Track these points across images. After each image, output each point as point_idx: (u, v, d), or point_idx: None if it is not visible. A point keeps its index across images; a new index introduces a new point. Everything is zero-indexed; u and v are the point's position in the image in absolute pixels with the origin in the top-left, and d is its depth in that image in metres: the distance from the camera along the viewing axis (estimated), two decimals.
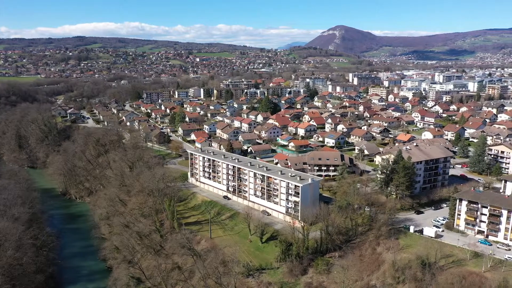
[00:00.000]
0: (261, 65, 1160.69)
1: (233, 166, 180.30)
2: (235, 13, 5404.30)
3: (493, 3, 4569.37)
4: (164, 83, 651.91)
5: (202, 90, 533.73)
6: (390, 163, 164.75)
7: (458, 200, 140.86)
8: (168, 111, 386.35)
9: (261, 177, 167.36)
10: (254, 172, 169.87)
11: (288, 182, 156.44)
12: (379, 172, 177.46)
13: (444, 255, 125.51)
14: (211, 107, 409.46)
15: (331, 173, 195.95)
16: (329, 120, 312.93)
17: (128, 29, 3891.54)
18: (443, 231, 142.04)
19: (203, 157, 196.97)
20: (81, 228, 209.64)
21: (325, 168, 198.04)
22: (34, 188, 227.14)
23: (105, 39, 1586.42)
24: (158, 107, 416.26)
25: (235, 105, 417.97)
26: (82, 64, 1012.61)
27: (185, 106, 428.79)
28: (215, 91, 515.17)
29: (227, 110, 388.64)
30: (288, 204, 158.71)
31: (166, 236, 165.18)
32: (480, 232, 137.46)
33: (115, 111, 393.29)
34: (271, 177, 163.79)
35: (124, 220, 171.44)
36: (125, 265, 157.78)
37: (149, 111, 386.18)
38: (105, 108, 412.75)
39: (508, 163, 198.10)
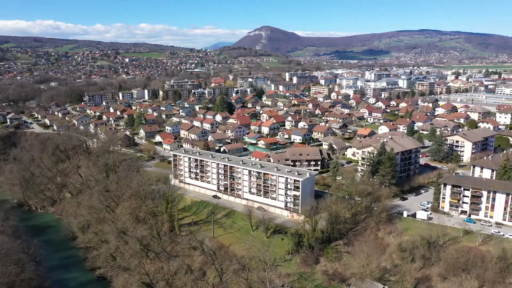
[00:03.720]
0: (193, 65, 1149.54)
1: (225, 165, 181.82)
2: (158, 13, 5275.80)
3: (403, 6, 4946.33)
4: (99, 84, 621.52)
5: (146, 91, 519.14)
6: (375, 155, 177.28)
7: (443, 185, 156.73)
8: (119, 113, 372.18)
9: (257, 174, 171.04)
10: (249, 170, 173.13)
11: (287, 178, 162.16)
12: (360, 164, 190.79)
13: (440, 234, 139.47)
14: (162, 108, 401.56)
15: (312, 168, 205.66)
16: (289, 118, 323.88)
17: (42, 27, 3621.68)
18: (430, 213, 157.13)
19: (189, 158, 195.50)
20: (53, 240, 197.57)
21: (306, 163, 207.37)
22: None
23: (19, 38, 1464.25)
24: (106, 109, 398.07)
25: (187, 105, 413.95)
26: None
27: (133, 107, 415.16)
28: (161, 92, 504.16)
29: (180, 110, 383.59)
30: (287, 198, 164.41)
31: (165, 238, 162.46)
32: (463, 212, 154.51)
33: (60, 115, 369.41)
34: (268, 174, 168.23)
35: (116, 226, 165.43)
36: (124, 272, 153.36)
37: (100, 113, 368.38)
38: (47, 112, 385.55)
39: (463, 151, 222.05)
